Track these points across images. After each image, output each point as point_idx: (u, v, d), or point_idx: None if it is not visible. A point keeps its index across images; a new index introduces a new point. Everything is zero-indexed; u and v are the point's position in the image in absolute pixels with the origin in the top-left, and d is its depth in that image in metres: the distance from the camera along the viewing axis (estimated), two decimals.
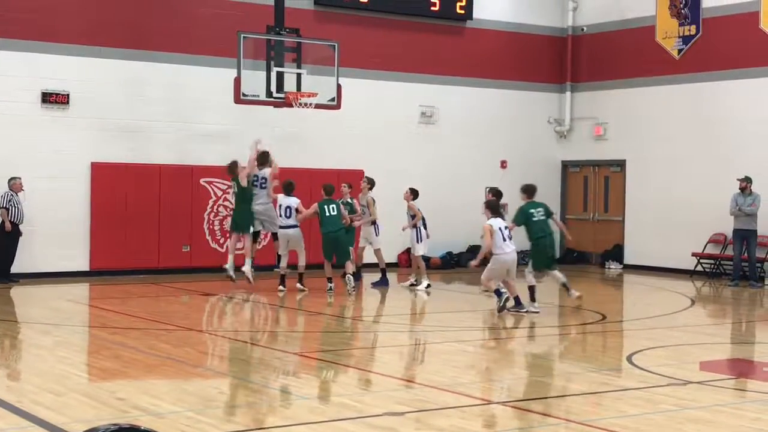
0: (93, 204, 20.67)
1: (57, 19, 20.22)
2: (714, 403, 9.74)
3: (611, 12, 25.38)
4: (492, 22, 25.29)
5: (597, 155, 25.77)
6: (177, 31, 21.29)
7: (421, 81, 24.30)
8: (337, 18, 22.90)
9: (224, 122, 21.28)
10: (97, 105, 20.59)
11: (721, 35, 22.99)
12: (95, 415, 8.54)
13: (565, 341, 14.39)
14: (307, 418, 8.64)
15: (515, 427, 8.49)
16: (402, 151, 23.77)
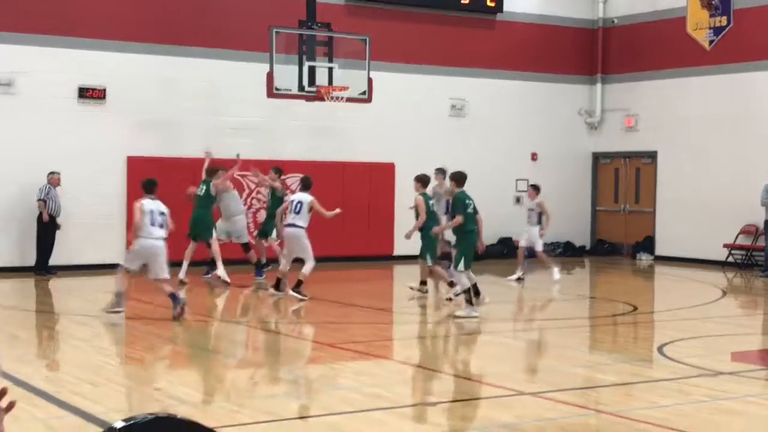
0: (129, 197, 20.76)
1: (92, 15, 20.33)
2: (745, 394, 9.70)
3: (642, 3, 25.24)
4: (522, 14, 25.22)
5: (628, 147, 25.65)
6: (210, 26, 21.36)
7: (451, 74, 24.27)
8: (368, 12, 22.90)
9: (257, 116, 21.34)
10: (133, 100, 20.69)
11: (753, 26, 22.83)
12: (132, 404, 8.62)
13: (596, 332, 14.35)
14: (341, 408, 8.69)
15: (545, 417, 8.49)
16: (432, 143, 23.73)
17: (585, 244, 26.21)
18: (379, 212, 23.28)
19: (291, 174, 22.50)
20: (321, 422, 8.22)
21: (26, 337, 12.89)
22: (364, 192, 23.02)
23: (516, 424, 8.20)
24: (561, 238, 25.34)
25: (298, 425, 8.04)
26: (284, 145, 22.09)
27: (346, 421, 8.22)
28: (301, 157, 22.29)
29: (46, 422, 7.95)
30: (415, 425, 8.09)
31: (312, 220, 18.55)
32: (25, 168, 19.15)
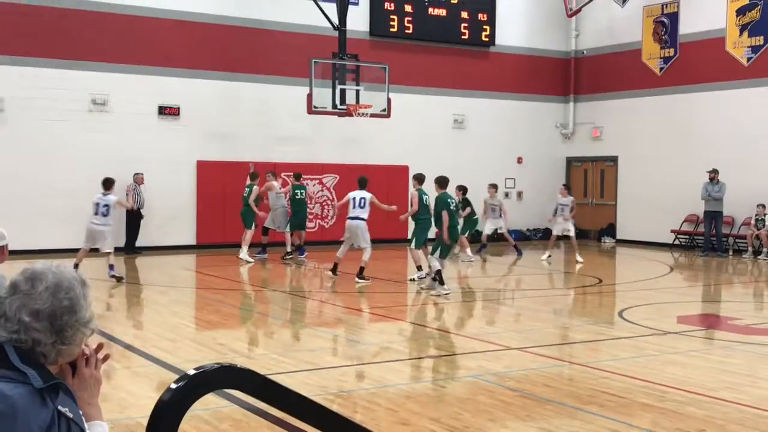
0: (198, 193, 20.92)
1: (169, 49, 20.41)
2: (688, 349, 9.67)
3: (606, 38, 25.14)
4: (511, 47, 25.13)
5: (594, 152, 25.57)
6: (262, 57, 21.41)
7: (453, 95, 24.24)
8: (388, 45, 22.88)
9: (299, 128, 21.37)
10: (201, 116, 20.79)
11: (694, 56, 22.71)
12: (201, 356, 8.67)
13: (569, 300, 14.32)
14: (367, 360, 8.70)
15: (528, 367, 8.48)
16: (438, 150, 23.73)
17: None
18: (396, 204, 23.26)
19: (327, 174, 22.62)
20: (351, 370, 8.25)
21: (117, 303, 12.98)
22: (383, 188, 23.00)
23: (505, 373, 8.20)
24: (541, 226, 25.28)
25: (333, 372, 8.05)
26: (321, 151, 22.17)
27: (370, 369, 8.25)
28: (335, 161, 22.42)
29: (134, 370, 8.01)
30: (425, 372, 8.11)
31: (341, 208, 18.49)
32: (116, 169, 19.20)
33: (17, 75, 18.81)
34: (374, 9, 22.98)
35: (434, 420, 6.44)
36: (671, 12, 23.40)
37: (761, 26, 21.28)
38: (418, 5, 23.50)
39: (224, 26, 21.02)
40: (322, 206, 22.54)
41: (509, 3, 24.95)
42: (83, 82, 19.50)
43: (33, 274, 2.31)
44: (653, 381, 7.89)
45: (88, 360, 2.45)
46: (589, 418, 6.59)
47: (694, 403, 7.03)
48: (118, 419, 6.12)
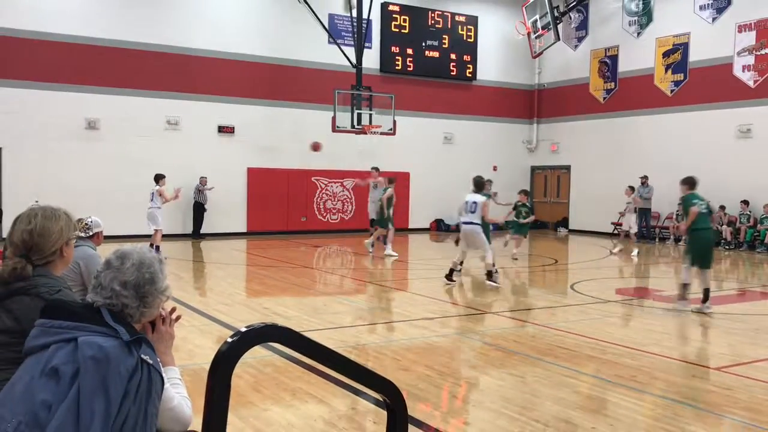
0: (249, 192, 20.95)
1: (227, 81, 20.45)
2: (624, 314, 9.65)
3: (561, 74, 25.05)
4: (489, 80, 25.06)
5: (552, 162, 25.51)
6: (297, 88, 21.41)
7: (444, 117, 24.20)
8: (394, 80, 22.84)
9: (326, 143, 21.37)
10: (251, 133, 20.82)
11: (630, 89, 22.62)
12: (250, 317, 8.69)
13: (533, 275, 14.29)
14: (373, 320, 8.70)
15: (502, 327, 8.48)
16: (433, 160, 23.74)
17: None
18: (400, 200, 23.30)
19: (347, 178, 22.56)
20: (364, 329, 8.26)
21: (186, 276, 13.01)
22: None
23: (484, 331, 8.20)
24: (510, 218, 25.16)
25: (350, 330, 8.07)
26: (343, 161, 22.15)
27: (379, 328, 8.27)
28: (352, 168, 22.36)
29: (199, 328, 8.04)
30: (422, 331, 8.11)
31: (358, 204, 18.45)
32: (186, 174, 19.34)
33: (110, 102, 18.88)
34: (384, 51, 22.96)
35: (428, 367, 6.45)
36: (612, 54, 23.30)
37: (681, 66, 21.19)
38: (417, 48, 23.45)
39: (268, 64, 21.02)
40: (343, 203, 22.54)
41: (488, 47, 24.87)
42: (160, 108, 19.58)
43: (122, 253, 2.34)
44: (597, 338, 7.88)
45: (164, 319, 2.47)
46: (547, 366, 6.59)
47: (629, 356, 7.02)
48: (187, 365, 6.14)
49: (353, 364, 2.39)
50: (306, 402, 5.38)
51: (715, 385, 6.00)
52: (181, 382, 2.46)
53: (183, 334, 7.47)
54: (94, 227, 5.45)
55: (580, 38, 24.41)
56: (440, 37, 23.86)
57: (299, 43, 21.39)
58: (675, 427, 4.92)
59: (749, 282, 13.68)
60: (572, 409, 5.29)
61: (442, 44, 23.88)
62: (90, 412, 1.99)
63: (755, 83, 19.37)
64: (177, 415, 2.31)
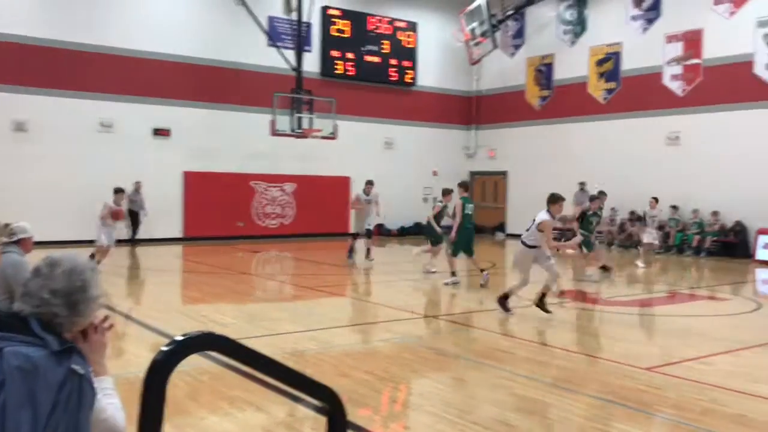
0: (186, 196, 20.56)
1: (163, 83, 20.05)
2: (561, 316, 9.84)
3: (499, 81, 25.47)
4: (429, 87, 25.29)
5: (490, 168, 25.89)
6: (236, 90, 21.15)
7: (385, 123, 24.29)
8: (335, 84, 22.81)
9: (265, 148, 21.16)
10: (188, 136, 20.46)
11: (565, 96, 23.18)
12: (186, 325, 8.53)
13: (471, 279, 14.44)
14: (316, 326, 8.66)
15: (441, 330, 8.56)
16: (374, 164, 23.76)
17: None
18: (340, 205, 23.30)
19: (286, 182, 22.37)
20: (304, 335, 8.21)
21: (120, 283, 12.67)
22: (331, 193, 23.03)
23: (424, 335, 8.26)
24: (450, 223, 25.42)
25: (289, 337, 8.01)
26: (283, 165, 22.00)
27: (318, 334, 8.22)
28: (294, 173, 22.28)
29: (134, 336, 7.86)
30: (362, 336, 8.12)
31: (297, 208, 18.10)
32: (120, 179, 18.83)
33: (39, 103, 18.27)
34: (324, 55, 22.92)
35: (368, 372, 6.45)
36: (548, 62, 23.84)
37: (614, 74, 21.85)
38: (357, 53, 23.50)
39: (206, 66, 20.70)
40: (283, 207, 22.36)
41: (427, 53, 25.11)
42: (93, 109, 19.06)
43: (52, 260, 2.27)
44: (533, 340, 8.03)
45: (97, 328, 2.41)
46: (485, 369, 6.68)
47: (564, 357, 7.18)
48: (121, 374, 5.97)
49: (291, 372, 2.38)
50: (244, 410, 5.31)
51: (647, 385, 6.19)
52: (115, 393, 2.40)
53: (117, 343, 7.27)
54: (19, 232, 5.27)
55: (516, 46, 24.89)
56: (380, 43, 23.97)
57: (238, 45, 21.15)
58: (608, 427, 5.05)
59: (678, 285, 14.17)
60: (510, 411, 5.38)
61: (383, 49, 23.99)
62: (16, 425, 1.92)
63: (683, 92, 20.12)
64: (110, 427, 2.26)
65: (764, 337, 8.65)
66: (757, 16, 18.42)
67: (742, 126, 18.57)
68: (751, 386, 6.14)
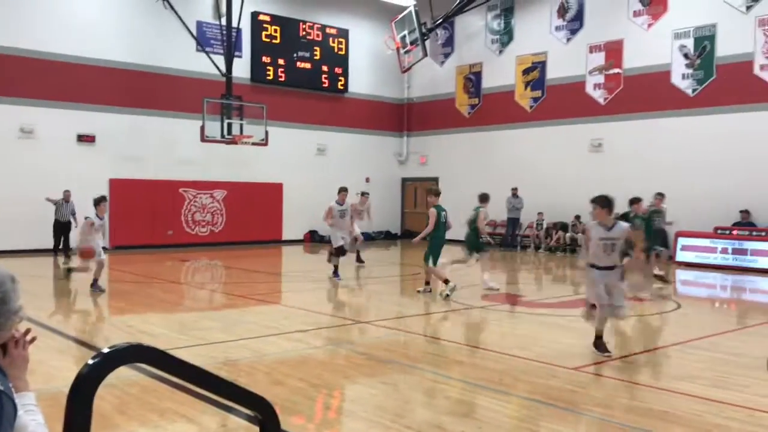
0: (111, 204, 19.92)
1: (87, 88, 19.47)
2: (490, 319, 10.01)
3: (429, 89, 25.80)
4: (361, 93, 25.40)
5: (422, 174, 26.16)
6: (165, 96, 20.74)
7: (317, 129, 24.25)
8: (266, 89, 22.63)
9: (195, 153, 20.82)
10: (114, 142, 19.91)
11: (493, 104, 23.64)
12: (114, 336, 8.29)
13: (404, 283, 14.54)
14: (248, 335, 8.55)
15: (374, 336, 8.57)
16: (306, 171, 23.71)
17: (397, 232, 26.62)
18: (273, 212, 23.13)
19: (217, 189, 22.02)
20: (236, 344, 8.08)
21: (44, 294, 12.19)
22: (263, 200, 22.81)
23: (357, 341, 8.26)
24: (382, 228, 25.64)
25: (220, 346, 7.87)
26: (213, 172, 21.67)
27: (251, 342, 8.11)
28: (224, 180, 21.95)
29: (58, 350, 7.57)
30: (295, 344, 8.05)
31: (228, 216, 17.78)
32: (43, 187, 18.17)
33: None
34: (255, 61, 22.71)
35: (302, 379, 6.41)
36: (476, 71, 24.28)
37: (539, 83, 22.43)
38: (288, 59, 23.38)
39: (133, 71, 20.22)
40: (213, 215, 22.01)
41: (359, 60, 25.21)
42: (13, 114, 18.32)
43: None
44: (464, 343, 8.14)
45: (17, 342, 2.32)
46: (418, 373, 6.73)
47: (494, 359, 7.30)
48: (44, 389, 5.75)
49: (222, 381, 2.35)
50: (175, 422, 5.19)
51: (574, 384, 6.36)
52: (37, 409, 2.31)
53: (39, 356, 6.99)
54: None
55: (446, 54, 25.25)
56: (312, 49, 23.92)
57: (166, 49, 20.73)
58: (538, 427, 5.17)
59: None
60: (443, 414, 5.43)
61: (314, 56, 23.94)
62: None
63: (605, 100, 20.83)
64: None
65: (684, 335, 9.02)
66: (674, 29, 19.26)
67: (661, 133, 19.35)
68: (673, 383, 6.38)
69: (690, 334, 9.12)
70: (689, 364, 7.31)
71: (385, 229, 25.95)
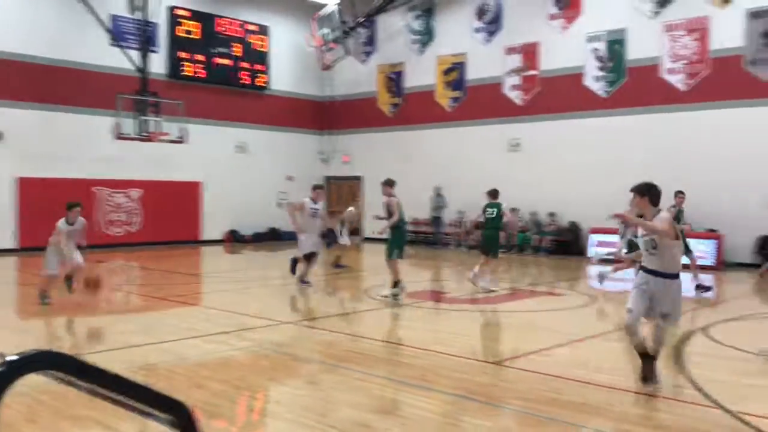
0: (20, 204, 19.03)
1: None
2: (414, 316, 10.08)
3: (350, 88, 25.76)
4: (282, 91, 25.11)
5: (345, 173, 26.10)
6: (78, 92, 19.91)
7: (237, 126, 23.82)
8: (184, 86, 22.07)
9: (109, 151, 20.07)
10: (22, 139, 18.98)
11: (415, 103, 23.84)
12: (21, 342, 7.88)
13: (327, 282, 14.46)
14: (169, 338, 8.31)
15: (299, 336, 8.49)
16: (226, 169, 23.27)
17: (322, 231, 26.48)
18: (192, 212, 22.62)
19: (132, 188, 21.33)
20: (156, 347, 7.83)
21: None
22: (182, 199, 22.27)
23: (282, 341, 8.15)
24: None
25: (138, 350, 7.61)
26: (129, 170, 20.96)
27: (171, 345, 7.89)
28: (140, 178, 21.29)
29: None
30: (217, 345, 7.88)
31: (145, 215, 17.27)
32: None
33: None
34: (172, 56, 22.10)
35: (224, 382, 6.27)
36: (398, 70, 24.42)
37: (459, 84, 22.77)
38: (207, 55, 22.89)
39: (42, 65, 19.31)
40: (129, 214, 21.30)
41: (280, 57, 24.92)
42: None
43: None
44: (389, 341, 8.16)
45: None
46: (343, 372, 6.70)
47: (418, 356, 7.35)
48: None
49: (138, 386, 2.25)
50: (89, 429, 4.97)
51: (495, 378, 6.47)
52: None
53: None
54: None
55: (368, 53, 25.28)
56: (231, 45, 23.49)
57: (78, 43, 19.91)
58: (461, 422, 5.22)
59: (520, 282, 14.97)
60: (368, 412, 5.42)
61: (233, 52, 23.53)
62: None
63: (522, 101, 21.33)
64: None
65: (598, 328, 9.33)
66: (587, 32, 19.91)
67: (576, 132, 19.98)
68: (588, 375, 6.58)
69: (605, 327, 9.45)
70: (606, 356, 7.56)
71: None
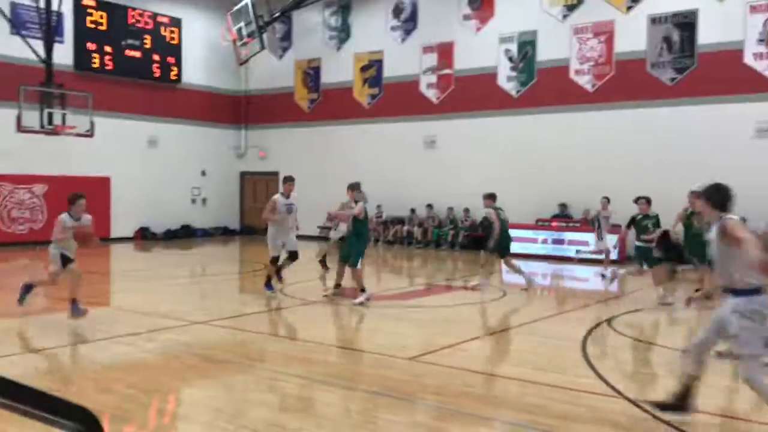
0: None
1: None
2: (330, 313, 10.05)
3: (267, 82, 25.47)
4: (196, 84, 24.55)
5: (261, 169, 25.77)
6: None
7: (149, 120, 23.13)
8: (92, 78, 21.23)
9: (10, 145, 19.08)
10: None
11: (332, 100, 23.81)
12: None
13: (243, 280, 14.26)
14: (73, 340, 7.99)
15: (212, 336, 8.34)
16: (136, 164, 22.57)
17: (236, 228, 26.07)
18: (101, 208, 21.83)
19: (36, 184, 20.43)
20: (61, 351, 7.53)
21: None
22: (89, 195, 21.32)
23: (194, 342, 7.98)
24: (220, 224, 25.04)
25: (42, 354, 7.30)
26: (32, 165, 20.01)
27: (78, 348, 7.61)
28: (45, 173, 20.35)
29: None
30: (126, 348, 7.64)
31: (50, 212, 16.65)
32: None
33: None
34: (78, 47, 21.24)
35: (133, 385, 6.09)
36: (315, 66, 24.32)
37: (376, 81, 22.89)
38: (116, 47, 22.11)
39: None
40: (32, 211, 20.34)
41: (193, 51, 24.35)
42: None
43: None
44: (305, 339, 8.13)
45: None
46: (257, 372, 6.64)
47: (334, 353, 7.37)
48: None
49: (40, 394, 2.16)
50: None
51: (409, 374, 6.56)
52: None
53: None
54: None
55: (284, 48, 25.05)
56: (142, 37, 22.77)
57: None
58: (376, 418, 5.27)
59: (436, 277, 15.21)
60: (282, 411, 5.39)
61: (144, 44, 22.82)
62: None
63: (438, 99, 21.65)
64: None
65: (510, 322, 9.60)
66: (500, 33, 20.39)
67: (490, 131, 20.44)
68: (501, 368, 6.77)
69: (515, 321, 9.72)
70: (515, 349, 7.79)
71: (222, 225, 25.34)
